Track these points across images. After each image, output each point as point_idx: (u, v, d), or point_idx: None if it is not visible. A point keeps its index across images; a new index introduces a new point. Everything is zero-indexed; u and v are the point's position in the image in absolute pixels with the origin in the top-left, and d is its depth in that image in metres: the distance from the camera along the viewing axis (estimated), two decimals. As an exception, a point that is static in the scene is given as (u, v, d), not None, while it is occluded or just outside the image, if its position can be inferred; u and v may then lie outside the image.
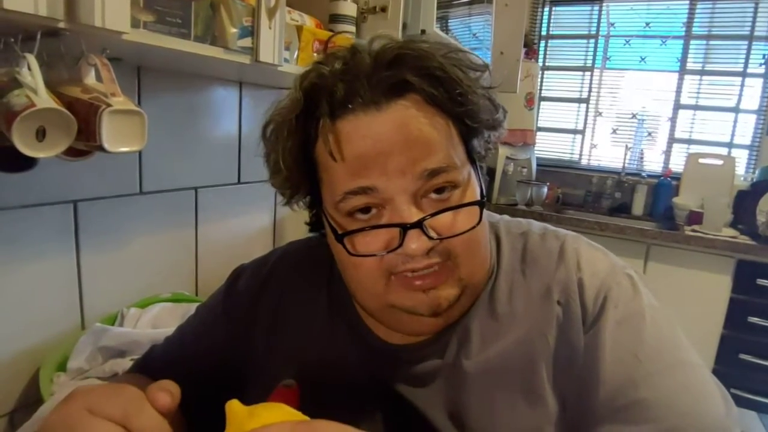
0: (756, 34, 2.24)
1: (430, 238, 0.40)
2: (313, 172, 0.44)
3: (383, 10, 1.07)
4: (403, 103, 0.40)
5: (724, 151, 2.33)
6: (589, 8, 2.54)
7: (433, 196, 0.41)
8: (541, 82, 2.66)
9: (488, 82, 0.45)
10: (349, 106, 0.40)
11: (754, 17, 2.23)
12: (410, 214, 0.40)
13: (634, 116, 2.53)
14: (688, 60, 2.37)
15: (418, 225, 0.39)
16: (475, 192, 0.44)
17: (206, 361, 0.56)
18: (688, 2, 2.33)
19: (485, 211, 0.50)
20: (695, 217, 2.05)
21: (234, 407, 0.32)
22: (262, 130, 0.46)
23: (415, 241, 0.39)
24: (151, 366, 0.59)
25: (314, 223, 0.51)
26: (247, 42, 0.74)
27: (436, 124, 0.41)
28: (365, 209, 0.41)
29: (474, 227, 0.41)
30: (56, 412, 0.32)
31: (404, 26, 1.12)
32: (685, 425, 0.37)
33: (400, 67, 0.40)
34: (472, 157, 0.45)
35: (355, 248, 0.42)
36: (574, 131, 2.66)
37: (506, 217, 0.54)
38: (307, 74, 0.43)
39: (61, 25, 0.50)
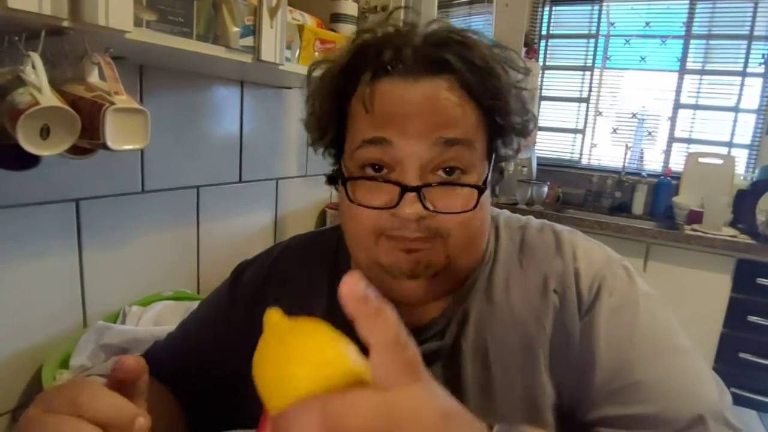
0: (756, 33, 2.24)
1: (425, 207, 0.41)
2: (343, 122, 0.47)
3: (384, 9, 1.08)
4: (439, 81, 0.42)
5: (724, 150, 2.33)
6: (590, 8, 2.55)
7: (441, 174, 0.42)
8: (542, 81, 2.67)
9: (526, 86, 0.46)
10: (389, 68, 0.42)
11: (754, 17, 2.24)
12: (413, 178, 0.41)
13: (634, 116, 2.53)
14: (688, 59, 2.38)
15: (417, 190, 0.41)
16: (481, 181, 0.44)
17: (210, 354, 0.57)
18: (688, 2, 2.33)
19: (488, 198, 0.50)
20: (695, 217, 2.05)
21: (274, 317, 0.28)
22: (308, 72, 0.49)
23: (410, 206, 0.40)
24: (154, 361, 0.59)
25: (332, 176, 0.52)
26: (248, 41, 0.74)
27: (464, 106, 0.43)
28: (377, 167, 0.43)
29: (469, 211, 0.42)
30: (20, 420, 0.32)
31: (405, 26, 1.12)
32: (679, 407, 0.38)
33: (444, 48, 0.42)
34: (490, 154, 0.46)
35: (356, 197, 0.44)
36: (575, 131, 2.66)
37: (506, 212, 0.55)
38: (363, 31, 0.46)
39: (65, 23, 0.51)
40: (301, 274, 0.56)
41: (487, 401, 0.44)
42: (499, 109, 0.44)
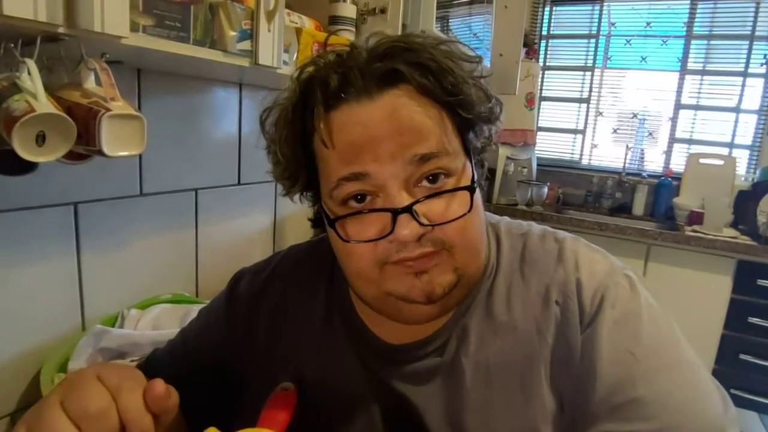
0: (757, 34, 2.23)
1: (421, 224, 0.40)
2: (312, 163, 0.45)
3: (383, 11, 1.07)
4: (395, 92, 0.41)
5: (724, 151, 2.32)
6: (590, 8, 2.54)
7: (426, 183, 0.41)
8: (542, 81, 2.66)
9: (482, 74, 0.45)
10: (342, 95, 0.41)
11: (755, 17, 2.23)
12: (401, 199, 0.40)
13: (634, 116, 2.53)
14: (689, 60, 2.37)
15: (408, 210, 0.39)
16: (468, 181, 0.44)
17: (208, 362, 0.57)
18: (689, 2, 2.32)
19: (487, 213, 0.50)
20: (696, 218, 2.04)
21: None
22: (261, 122, 0.47)
23: (406, 227, 0.39)
24: (154, 367, 0.60)
25: (317, 219, 0.51)
26: (246, 45, 0.74)
27: (427, 113, 0.41)
28: (359, 197, 0.42)
29: (465, 214, 0.41)
30: (76, 371, 0.35)
31: (404, 27, 1.12)
32: (682, 423, 0.37)
33: (391, 58, 0.41)
34: (468, 149, 0.45)
35: (348, 235, 0.42)
36: (575, 131, 2.66)
37: (507, 218, 0.54)
38: (303, 67, 0.44)
39: (61, 30, 0.50)
40: (299, 280, 0.56)
41: (487, 417, 0.44)
42: (461, 104, 0.42)
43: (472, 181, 0.43)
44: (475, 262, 0.45)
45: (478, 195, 0.44)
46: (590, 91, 2.59)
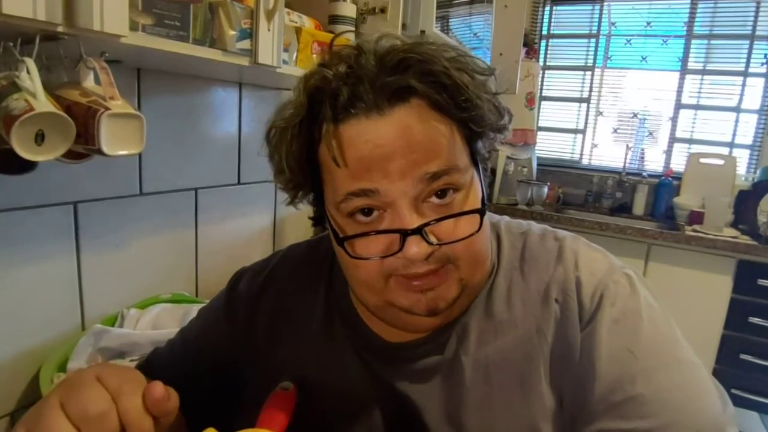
0: (757, 33, 2.23)
1: (430, 243, 0.40)
2: (317, 173, 0.45)
3: (382, 11, 1.07)
4: (407, 107, 0.40)
5: (725, 150, 2.32)
6: (590, 7, 2.54)
7: (435, 200, 0.41)
8: (542, 81, 2.66)
9: (494, 86, 0.44)
10: (352, 111, 0.40)
11: (756, 17, 2.23)
12: (411, 219, 0.40)
13: (635, 116, 2.53)
14: (690, 59, 2.37)
15: (418, 231, 0.39)
16: (477, 197, 0.44)
17: (208, 362, 0.57)
18: (689, 2, 2.32)
19: (487, 212, 0.50)
20: (696, 217, 2.04)
21: None
22: (266, 133, 0.46)
23: (415, 246, 0.39)
24: (154, 367, 0.59)
25: (318, 218, 0.51)
26: (245, 44, 0.74)
27: (438, 129, 0.41)
28: (366, 211, 0.41)
29: (474, 233, 0.41)
30: (76, 371, 0.35)
31: (403, 27, 1.12)
32: (681, 421, 0.37)
33: (404, 72, 0.40)
34: (475, 159, 0.45)
35: (355, 251, 0.42)
36: (575, 131, 2.65)
37: (506, 217, 0.54)
38: (310, 76, 0.43)
39: (60, 29, 0.50)
40: (299, 280, 0.56)
41: (487, 415, 0.44)
42: (472, 119, 0.42)
43: (483, 202, 0.43)
44: (480, 274, 0.45)
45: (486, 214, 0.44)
46: (590, 90, 2.58)
